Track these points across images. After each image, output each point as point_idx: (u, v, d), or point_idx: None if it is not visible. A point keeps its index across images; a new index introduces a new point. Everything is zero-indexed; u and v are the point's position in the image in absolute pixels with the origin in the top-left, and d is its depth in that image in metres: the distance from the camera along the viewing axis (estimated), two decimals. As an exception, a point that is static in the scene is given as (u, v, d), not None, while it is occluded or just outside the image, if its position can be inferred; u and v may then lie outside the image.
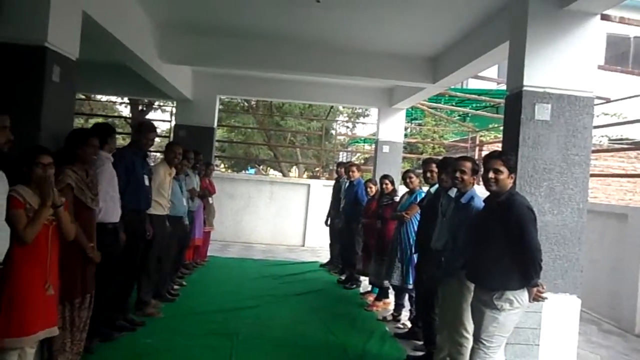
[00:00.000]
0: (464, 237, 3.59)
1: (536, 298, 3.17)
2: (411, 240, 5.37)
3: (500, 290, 3.13)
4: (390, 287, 6.01)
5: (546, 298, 3.28)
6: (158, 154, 17.49)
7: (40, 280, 3.06)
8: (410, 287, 5.44)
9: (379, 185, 6.67)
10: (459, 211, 3.74)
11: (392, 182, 6.38)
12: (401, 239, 5.52)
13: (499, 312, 3.13)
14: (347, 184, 7.76)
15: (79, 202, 3.55)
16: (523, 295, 3.14)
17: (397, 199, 6.19)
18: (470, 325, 3.46)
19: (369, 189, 6.93)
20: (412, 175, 5.63)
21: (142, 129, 4.88)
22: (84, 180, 3.62)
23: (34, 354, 3.22)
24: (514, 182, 3.60)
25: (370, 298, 6.57)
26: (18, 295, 2.95)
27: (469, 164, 3.74)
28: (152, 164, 5.59)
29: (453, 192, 3.95)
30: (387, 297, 6.31)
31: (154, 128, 5.14)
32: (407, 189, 5.73)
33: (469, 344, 3.45)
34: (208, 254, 8.56)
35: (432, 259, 4.09)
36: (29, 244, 2.96)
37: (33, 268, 3.02)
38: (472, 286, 3.45)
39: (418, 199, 5.40)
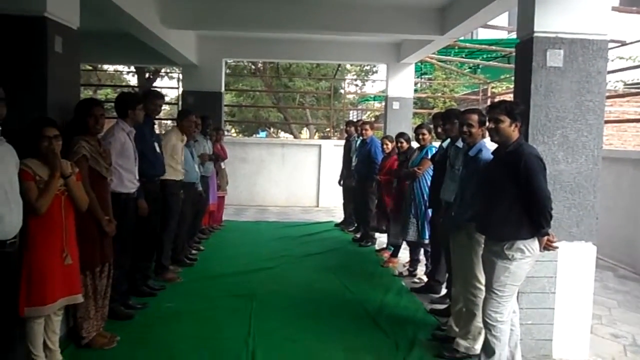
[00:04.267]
0: (472, 190, 3.57)
1: (547, 247, 3.16)
2: (425, 196, 5.35)
3: (511, 240, 3.13)
4: (405, 244, 6.05)
5: (557, 247, 3.27)
6: (169, 122, 17.57)
7: (57, 249, 3.12)
8: (427, 241, 5.46)
9: (395, 143, 6.57)
10: (467, 164, 3.72)
11: (408, 141, 6.23)
12: (415, 194, 5.51)
13: (510, 261, 3.13)
14: (359, 142, 7.70)
15: (94, 172, 3.59)
16: (534, 244, 3.13)
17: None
18: (482, 277, 3.47)
19: (385, 146, 6.83)
20: (425, 130, 5.54)
21: (149, 96, 4.88)
22: (97, 150, 3.64)
23: (60, 322, 3.33)
24: (525, 132, 3.55)
25: (386, 255, 6.62)
26: (36, 266, 3.02)
27: (475, 117, 3.70)
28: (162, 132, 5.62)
29: (461, 143, 3.91)
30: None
31: (160, 95, 5.16)
32: (418, 145, 5.67)
33: (483, 294, 3.48)
34: (224, 218, 8.66)
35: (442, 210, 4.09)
36: (43, 215, 3.01)
37: (49, 238, 3.08)
38: (481, 239, 3.45)
39: (429, 155, 5.36)
